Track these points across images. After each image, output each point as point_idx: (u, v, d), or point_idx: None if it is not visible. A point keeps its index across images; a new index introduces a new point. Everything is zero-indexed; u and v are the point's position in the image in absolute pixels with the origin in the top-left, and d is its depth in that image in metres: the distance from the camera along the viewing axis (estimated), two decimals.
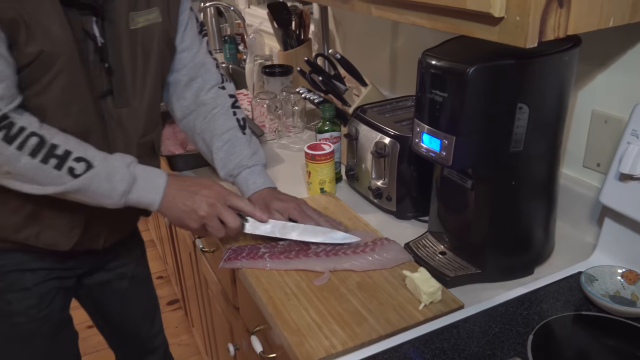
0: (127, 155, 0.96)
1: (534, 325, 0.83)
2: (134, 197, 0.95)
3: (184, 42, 1.13)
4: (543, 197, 0.96)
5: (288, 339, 0.83)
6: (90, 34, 0.93)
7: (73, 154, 0.89)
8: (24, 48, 0.85)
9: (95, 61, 0.95)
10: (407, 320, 0.85)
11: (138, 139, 1.06)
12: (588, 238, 1.06)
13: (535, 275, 0.98)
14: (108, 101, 0.99)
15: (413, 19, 0.87)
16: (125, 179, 0.93)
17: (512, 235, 0.96)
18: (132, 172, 0.94)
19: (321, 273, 0.97)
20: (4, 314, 1.07)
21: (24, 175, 0.87)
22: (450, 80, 0.83)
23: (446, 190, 1.02)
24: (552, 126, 0.90)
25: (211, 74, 1.18)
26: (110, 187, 0.92)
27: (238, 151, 1.14)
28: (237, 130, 1.16)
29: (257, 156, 1.15)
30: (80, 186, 0.90)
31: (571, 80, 0.89)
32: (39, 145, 0.86)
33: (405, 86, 1.61)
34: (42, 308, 1.10)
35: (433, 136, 0.88)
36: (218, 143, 1.15)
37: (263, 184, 1.12)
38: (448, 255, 1.01)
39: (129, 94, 1.01)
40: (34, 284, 1.08)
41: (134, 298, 1.32)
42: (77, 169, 0.89)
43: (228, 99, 1.19)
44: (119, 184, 0.92)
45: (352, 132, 1.25)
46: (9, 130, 0.84)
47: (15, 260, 1.04)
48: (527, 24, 0.68)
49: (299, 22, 1.93)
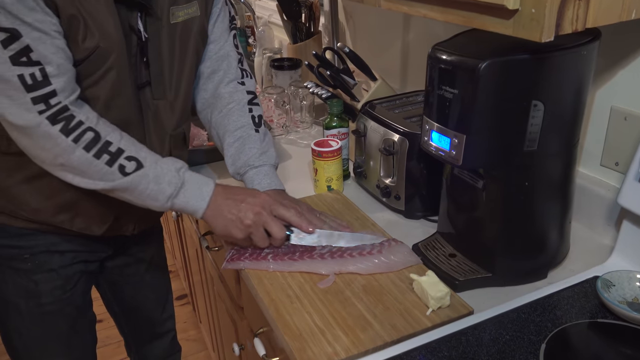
0: (178, 161, 0.97)
1: (547, 333, 0.79)
2: (180, 202, 0.95)
3: (213, 33, 1.13)
4: (558, 197, 0.91)
5: (290, 344, 0.80)
6: (135, 29, 0.95)
7: (125, 152, 0.91)
8: (81, 43, 0.88)
9: (137, 55, 0.97)
10: (414, 326, 0.82)
11: (172, 130, 1.08)
12: (605, 240, 1.02)
13: (548, 279, 0.94)
14: (146, 93, 1.01)
15: (424, 11, 0.83)
16: (173, 183, 0.93)
17: (524, 238, 0.92)
18: (181, 177, 0.94)
19: (326, 275, 0.94)
20: (31, 294, 1.11)
21: (77, 168, 0.89)
22: (461, 76, 0.79)
23: (456, 190, 0.98)
24: (569, 124, 0.86)
25: (232, 68, 1.17)
26: (157, 189, 0.93)
27: (247, 149, 1.11)
28: (250, 127, 1.14)
29: (266, 156, 1.12)
30: (128, 185, 0.91)
31: (589, 76, 0.85)
32: (94, 140, 0.89)
33: (416, 81, 1.56)
34: (67, 290, 1.14)
35: (442, 134, 0.84)
36: (229, 139, 1.13)
37: (268, 185, 1.09)
38: (458, 257, 0.98)
39: (166, 87, 1.04)
40: (60, 266, 1.11)
41: (149, 282, 1.37)
42: (128, 167, 0.91)
43: (245, 95, 1.17)
44: (167, 187, 0.93)
45: (361, 128, 1.21)
46: (68, 123, 0.87)
47: (47, 241, 1.08)
48: (543, 16, 0.65)
49: (309, 14, 1.90)
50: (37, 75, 0.84)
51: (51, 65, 0.85)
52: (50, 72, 0.85)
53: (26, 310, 1.12)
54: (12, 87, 0.83)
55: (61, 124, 0.87)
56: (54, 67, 0.85)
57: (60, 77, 0.86)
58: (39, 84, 0.84)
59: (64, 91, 0.87)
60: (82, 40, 0.88)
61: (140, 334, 1.44)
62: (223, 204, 0.96)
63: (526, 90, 0.79)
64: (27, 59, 0.83)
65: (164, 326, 1.45)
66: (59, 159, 0.89)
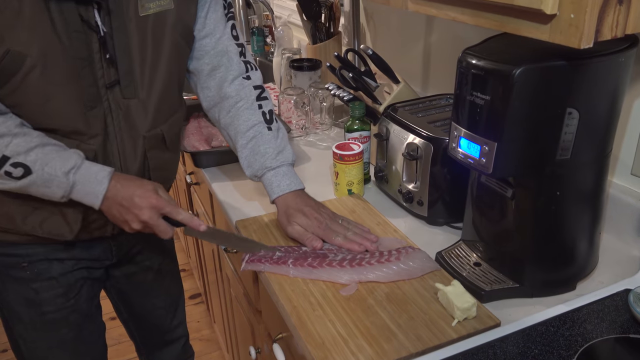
0: (71, 158, 0.92)
1: (577, 348, 0.77)
2: (76, 198, 0.94)
3: (205, 27, 1.08)
4: (589, 207, 0.89)
5: (312, 353, 0.78)
6: (92, 24, 0.90)
7: (11, 159, 0.88)
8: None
9: (99, 51, 0.92)
10: (439, 337, 0.80)
11: (146, 131, 1.03)
12: (635, 252, 0.99)
13: (577, 291, 0.91)
14: (115, 92, 0.96)
15: (454, 14, 0.81)
16: (62, 187, 0.92)
17: (554, 248, 0.89)
18: (70, 180, 0.92)
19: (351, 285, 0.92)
20: (32, 303, 1.09)
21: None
22: (494, 82, 0.76)
23: (483, 198, 0.95)
24: (603, 132, 0.83)
25: (234, 63, 1.12)
26: (49, 191, 0.92)
27: (263, 150, 1.08)
28: (262, 125, 1.10)
29: (283, 155, 1.09)
30: (19, 188, 0.91)
31: (626, 84, 0.82)
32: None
33: (439, 84, 1.54)
34: (70, 297, 1.11)
35: (472, 141, 0.82)
36: (242, 140, 1.10)
37: (288, 186, 1.06)
38: (483, 266, 0.95)
39: (137, 85, 0.98)
40: (60, 274, 1.09)
41: (157, 290, 1.33)
42: (15, 173, 0.89)
43: (253, 91, 1.12)
44: (57, 190, 0.92)
45: (383, 131, 1.19)
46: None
47: (44, 249, 1.06)
48: (582, 22, 0.62)
49: (329, 14, 1.88)
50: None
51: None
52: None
53: (28, 318, 1.10)
54: None
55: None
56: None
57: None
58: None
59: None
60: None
61: (150, 341, 1.41)
62: (113, 206, 0.95)
63: (561, 98, 0.76)
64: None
65: (175, 333, 1.42)
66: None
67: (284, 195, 1.06)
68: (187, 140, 1.48)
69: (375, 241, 1.01)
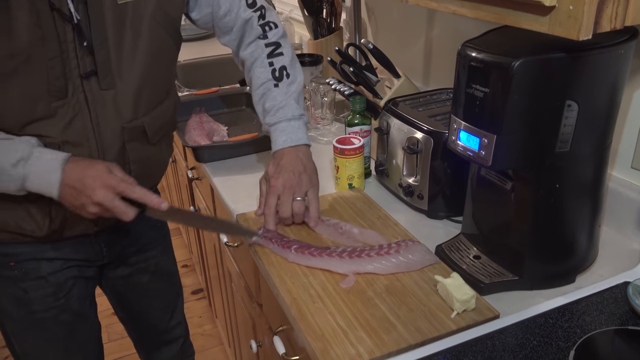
0: (20, 148, 0.89)
1: (576, 340, 0.77)
2: (32, 190, 0.91)
3: (222, 7, 1.11)
4: (588, 200, 0.89)
5: (312, 345, 0.79)
6: (64, 11, 0.87)
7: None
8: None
9: (73, 40, 0.90)
10: (439, 329, 0.80)
11: (125, 122, 1.00)
12: (635, 245, 0.99)
13: (576, 284, 0.91)
14: (92, 82, 0.94)
15: (454, 7, 0.81)
16: (13, 180, 0.89)
17: (553, 241, 0.90)
18: (20, 173, 0.89)
19: (345, 275, 0.93)
20: (21, 302, 1.08)
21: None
22: (493, 75, 0.76)
23: (483, 191, 0.96)
24: (602, 125, 0.84)
25: (252, 29, 1.15)
26: (3, 186, 0.90)
27: (268, 107, 1.11)
28: (270, 82, 1.12)
29: (283, 110, 1.10)
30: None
31: (625, 76, 0.82)
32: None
33: (440, 78, 1.54)
34: (60, 297, 1.10)
35: (471, 134, 0.82)
36: (255, 98, 1.15)
37: (283, 142, 1.08)
38: (482, 259, 0.96)
39: (115, 75, 0.96)
40: (49, 273, 1.07)
41: (154, 291, 1.31)
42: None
43: (264, 49, 1.15)
44: (9, 184, 0.90)
45: (383, 126, 1.20)
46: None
47: (31, 249, 1.04)
48: (581, 13, 0.63)
49: (330, 10, 1.88)
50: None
51: None
52: None
53: (18, 317, 1.09)
54: None
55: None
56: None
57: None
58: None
59: None
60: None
61: (148, 341, 1.40)
62: (68, 192, 0.91)
63: (560, 90, 0.77)
64: None
65: (172, 333, 1.40)
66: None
67: (278, 151, 1.08)
68: (189, 135, 1.48)
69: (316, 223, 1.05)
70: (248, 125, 1.65)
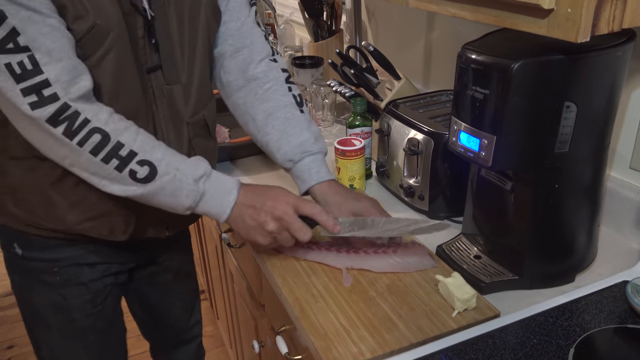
0: (200, 165, 0.89)
1: (576, 338, 0.78)
2: (201, 211, 0.90)
3: (229, 10, 1.03)
4: (587, 200, 0.90)
5: (315, 344, 0.80)
6: (140, 7, 0.87)
7: (138, 155, 0.83)
8: (72, 24, 0.79)
9: (143, 36, 0.89)
10: (440, 327, 0.81)
11: (189, 117, 0.99)
12: (634, 244, 1.00)
13: (576, 283, 0.92)
14: (158, 78, 0.93)
15: (454, 10, 0.82)
16: (192, 196, 0.87)
17: (552, 240, 0.91)
18: (200, 189, 0.87)
19: (347, 271, 0.94)
20: (59, 309, 1.06)
21: (87, 169, 0.84)
22: (493, 76, 0.77)
23: (483, 191, 0.97)
24: (601, 126, 0.85)
25: (259, 44, 1.06)
26: (175, 201, 0.87)
27: (298, 133, 1.02)
28: (294, 107, 1.05)
29: (320, 142, 1.04)
30: (143, 196, 0.86)
31: (623, 78, 0.83)
32: (103, 142, 0.81)
33: (440, 80, 1.55)
34: (97, 304, 1.08)
35: (472, 135, 0.83)
36: (273, 122, 1.03)
37: (326, 174, 1.02)
38: (483, 259, 0.97)
39: (179, 69, 0.95)
40: (90, 280, 1.06)
41: (176, 290, 1.31)
42: (140, 173, 0.83)
43: (281, 73, 1.07)
44: (185, 200, 0.87)
45: (384, 127, 1.21)
46: (71, 123, 0.79)
47: (74, 254, 1.02)
48: (579, 16, 0.64)
49: (331, 12, 1.89)
50: (25, 63, 0.75)
51: (40, 51, 0.76)
52: (40, 59, 0.76)
53: (55, 324, 1.07)
54: (3, 78, 0.75)
55: (63, 125, 0.79)
56: (44, 53, 0.76)
57: (53, 65, 0.77)
58: (29, 74, 0.76)
59: (60, 81, 0.77)
60: (72, 22, 0.79)
61: (167, 341, 1.39)
62: (245, 211, 0.90)
63: (559, 92, 0.78)
64: (14, 44, 0.74)
65: (191, 332, 1.39)
66: (67, 160, 0.83)
67: (323, 182, 1.02)
68: None
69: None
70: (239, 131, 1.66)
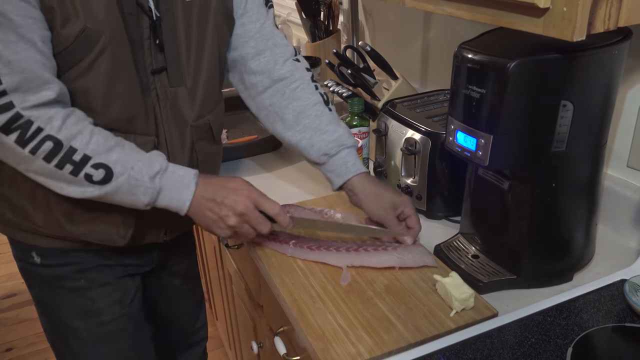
0: (156, 161, 0.88)
1: (574, 337, 0.78)
2: (161, 205, 0.89)
3: (248, 12, 1.04)
4: (585, 199, 0.90)
5: (312, 344, 0.80)
6: (145, 7, 0.87)
7: (92, 159, 0.82)
8: (61, 29, 0.79)
9: (149, 37, 0.89)
10: (438, 327, 0.81)
11: (193, 120, 0.99)
12: (631, 243, 1.00)
13: (574, 282, 0.92)
14: (162, 79, 0.93)
15: (450, 9, 0.82)
16: (149, 193, 0.87)
17: (550, 240, 0.90)
18: (157, 185, 0.87)
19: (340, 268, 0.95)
20: (89, 313, 1.04)
21: (42, 175, 0.83)
22: (489, 76, 0.77)
23: (480, 191, 0.97)
24: (597, 125, 0.85)
25: (282, 46, 1.07)
26: (133, 199, 0.87)
27: (332, 129, 1.04)
28: (323, 105, 1.06)
29: (352, 137, 1.06)
30: (101, 196, 0.86)
31: (619, 76, 0.83)
32: (55, 149, 0.80)
33: (437, 80, 1.55)
34: (126, 304, 1.07)
35: (468, 134, 0.83)
36: (305, 120, 1.04)
37: (362, 167, 1.05)
38: (481, 258, 0.97)
39: (184, 72, 0.95)
40: (114, 279, 1.05)
41: (184, 294, 1.30)
42: (95, 176, 0.83)
43: (306, 72, 1.09)
44: (142, 197, 0.87)
45: (382, 127, 1.21)
46: (23, 132, 0.78)
47: (90, 257, 1.02)
48: (575, 15, 0.64)
49: (328, 12, 1.89)
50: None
51: (0, 61, 0.75)
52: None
53: (85, 332, 1.04)
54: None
55: (15, 133, 0.78)
56: (4, 64, 0.75)
57: (11, 76, 0.76)
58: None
59: (17, 91, 0.77)
60: (62, 26, 0.79)
61: (174, 344, 1.37)
62: (204, 203, 0.90)
63: (555, 90, 0.78)
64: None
65: (198, 335, 1.39)
66: (21, 166, 0.83)
67: (360, 175, 1.04)
68: None
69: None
70: (247, 128, 1.66)
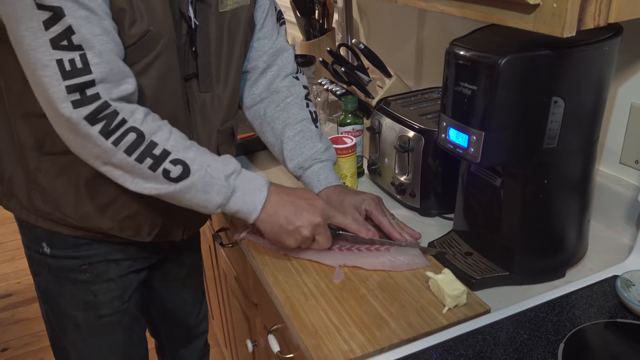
0: (230, 163, 0.89)
1: (566, 333, 0.78)
2: (230, 210, 0.90)
3: (264, 27, 1.10)
4: (577, 195, 0.90)
5: (305, 342, 0.80)
6: (186, 15, 0.90)
7: (171, 154, 0.83)
8: (128, 29, 0.82)
9: (185, 44, 0.93)
10: (430, 324, 0.81)
11: (219, 125, 1.03)
12: (624, 239, 1.01)
13: (566, 278, 0.92)
14: (193, 86, 0.97)
15: (441, 7, 0.82)
16: (223, 192, 0.87)
17: (543, 236, 0.91)
18: (231, 185, 0.88)
19: (333, 267, 0.94)
20: (90, 306, 1.07)
21: (120, 169, 0.84)
22: (481, 72, 0.78)
23: (473, 188, 0.97)
24: (589, 121, 0.85)
25: (287, 62, 1.14)
26: (206, 198, 0.87)
27: (311, 144, 1.08)
28: (310, 122, 1.11)
29: (330, 152, 1.10)
30: (174, 194, 0.86)
31: (611, 72, 0.84)
32: (137, 141, 0.82)
33: (431, 77, 1.55)
34: (125, 300, 1.10)
35: (460, 131, 0.83)
36: (290, 132, 1.09)
37: (335, 180, 1.07)
38: (474, 255, 0.97)
39: (214, 79, 0.99)
40: (118, 276, 1.07)
41: (188, 286, 1.34)
42: (173, 172, 0.84)
43: (302, 90, 1.15)
44: (216, 197, 0.87)
45: (375, 125, 1.21)
46: (109, 122, 0.80)
47: (103, 250, 1.04)
48: (565, 11, 0.64)
49: (322, 11, 1.89)
50: (76, 62, 0.76)
51: (92, 51, 0.77)
52: (90, 59, 0.77)
53: (84, 322, 1.07)
54: (48, 74, 0.76)
55: (101, 124, 0.79)
56: (95, 54, 0.78)
57: (101, 66, 0.78)
58: (78, 72, 0.77)
59: (105, 82, 0.79)
60: (129, 26, 0.82)
61: (177, 336, 1.41)
62: (280, 210, 0.91)
63: (546, 87, 0.78)
64: (68, 42, 0.76)
65: (200, 328, 1.42)
66: (99, 159, 0.83)
67: (330, 187, 1.06)
68: None
69: (418, 238, 1.02)
70: (242, 126, 1.66)
